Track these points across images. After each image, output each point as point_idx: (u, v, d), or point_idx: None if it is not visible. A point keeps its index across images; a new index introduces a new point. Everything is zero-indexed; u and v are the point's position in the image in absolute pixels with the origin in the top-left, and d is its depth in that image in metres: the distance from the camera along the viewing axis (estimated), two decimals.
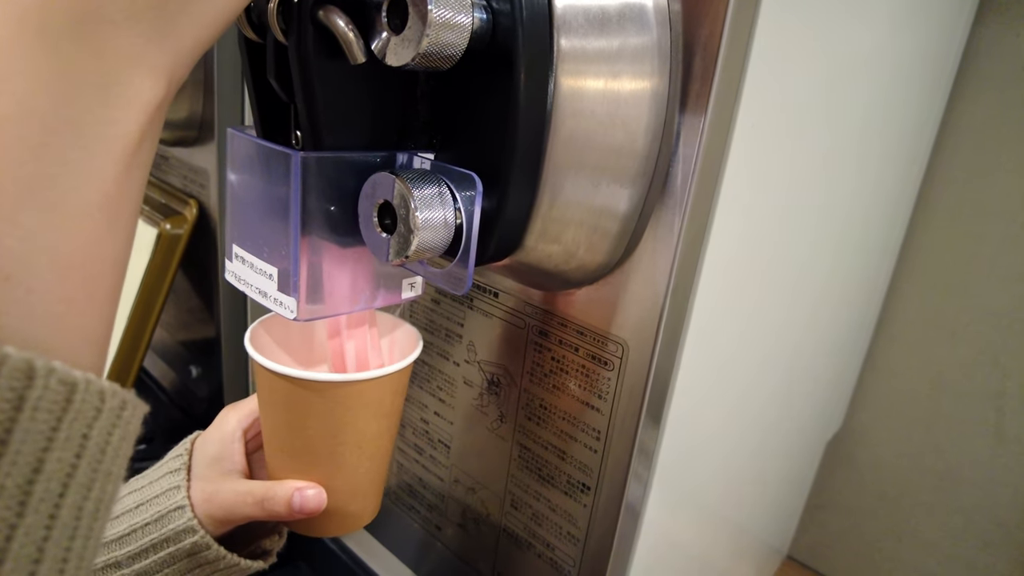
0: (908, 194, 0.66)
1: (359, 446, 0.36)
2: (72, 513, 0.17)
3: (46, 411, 0.16)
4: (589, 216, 0.32)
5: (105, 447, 0.18)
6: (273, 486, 0.36)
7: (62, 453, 0.17)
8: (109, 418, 0.18)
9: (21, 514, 0.16)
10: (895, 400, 0.75)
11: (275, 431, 0.37)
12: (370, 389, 0.34)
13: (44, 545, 0.17)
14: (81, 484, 0.18)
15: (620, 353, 0.35)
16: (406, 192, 0.27)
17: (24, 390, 0.16)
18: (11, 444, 0.16)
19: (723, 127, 0.32)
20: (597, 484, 0.38)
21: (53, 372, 0.16)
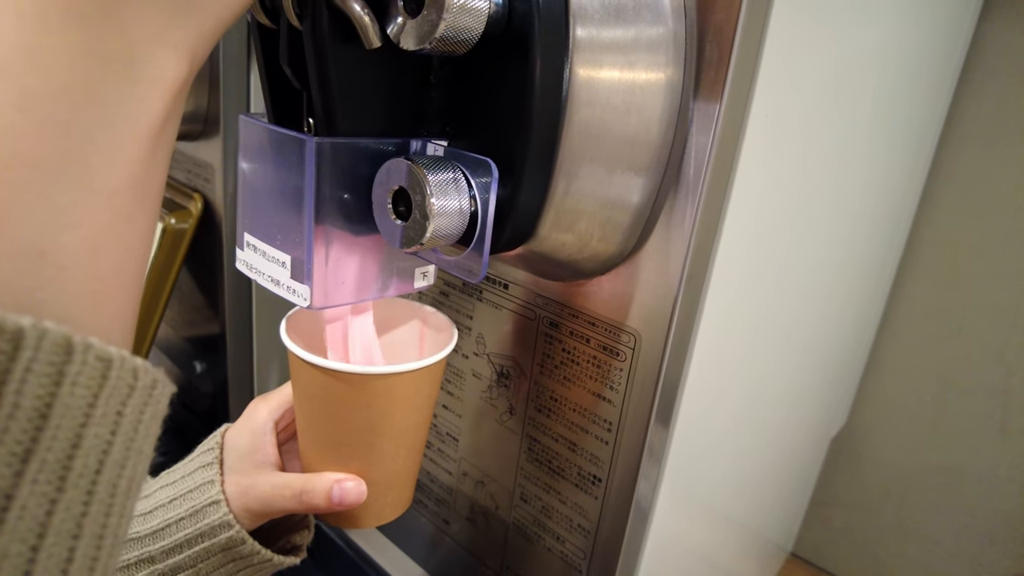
0: (913, 190, 0.66)
1: (397, 438, 0.36)
2: (108, 490, 0.17)
3: (84, 387, 0.16)
4: (603, 205, 0.31)
5: (137, 425, 0.18)
6: (311, 479, 0.36)
7: (99, 429, 0.17)
8: (142, 396, 0.18)
9: (61, 489, 0.16)
10: (899, 397, 0.75)
11: (312, 423, 0.36)
12: (410, 381, 0.34)
13: (83, 521, 0.17)
14: (115, 461, 0.18)
15: (632, 344, 0.35)
16: (422, 178, 0.27)
17: (63, 365, 0.16)
18: (51, 419, 0.16)
19: (737, 117, 0.31)
20: (608, 475, 0.38)
21: (90, 348, 0.16)
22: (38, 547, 0.16)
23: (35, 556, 0.16)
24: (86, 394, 0.16)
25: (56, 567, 0.16)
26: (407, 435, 0.36)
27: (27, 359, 0.15)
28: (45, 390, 0.15)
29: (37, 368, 0.15)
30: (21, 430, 0.15)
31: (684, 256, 0.32)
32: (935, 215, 0.68)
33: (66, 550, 0.16)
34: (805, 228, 0.43)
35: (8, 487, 0.15)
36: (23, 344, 0.15)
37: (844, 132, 0.43)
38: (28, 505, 0.15)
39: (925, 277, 0.70)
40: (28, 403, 0.15)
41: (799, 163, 0.39)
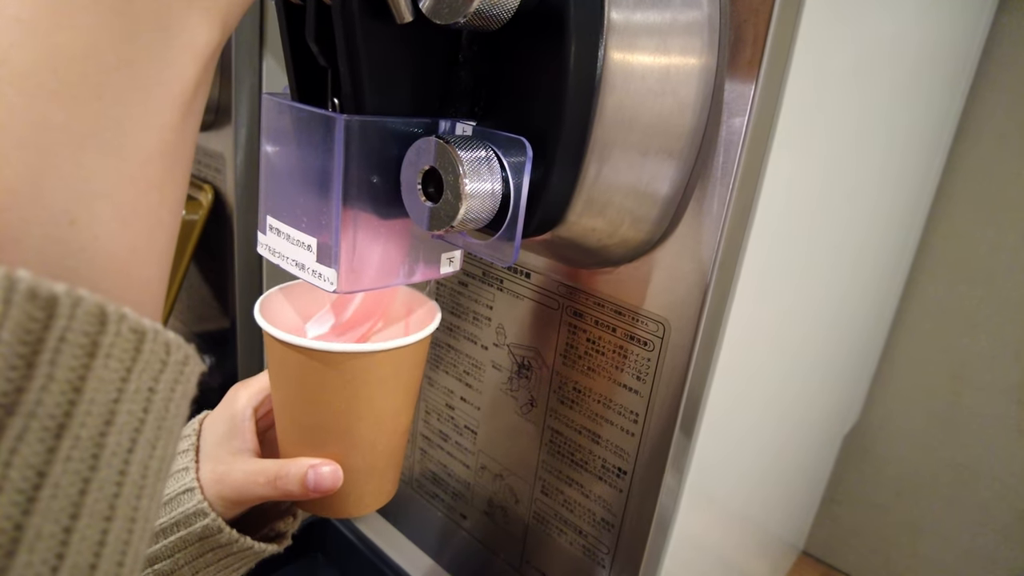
0: (929, 184, 0.65)
1: (377, 422, 0.34)
2: (139, 471, 0.17)
3: (117, 360, 0.15)
4: (635, 188, 0.31)
5: (168, 403, 0.17)
6: (286, 464, 0.35)
7: (131, 406, 0.16)
8: (173, 372, 0.17)
9: (95, 467, 0.15)
10: (913, 393, 0.74)
11: (287, 406, 0.35)
12: (389, 360, 0.33)
13: (115, 503, 0.16)
14: (147, 440, 0.17)
15: (661, 332, 0.34)
16: (454, 157, 0.26)
17: (97, 336, 0.15)
18: (85, 393, 0.15)
19: (772, 99, 0.31)
20: (633, 468, 0.37)
21: (124, 319, 0.16)
22: (71, 528, 0.15)
23: (68, 538, 0.15)
24: (119, 368, 0.16)
25: (89, 550, 0.15)
26: (387, 419, 0.35)
27: (61, 328, 0.14)
28: (79, 362, 0.15)
29: (71, 338, 0.14)
30: (55, 404, 0.14)
31: (717, 242, 0.31)
32: (951, 210, 0.68)
33: (99, 532, 0.15)
34: (827, 220, 0.43)
35: (41, 463, 0.14)
36: (57, 312, 0.14)
37: (865, 122, 0.43)
38: (61, 484, 0.14)
39: (940, 273, 0.70)
40: (62, 375, 0.14)
41: (825, 151, 0.38)
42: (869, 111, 0.42)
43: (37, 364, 0.14)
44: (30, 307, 0.14)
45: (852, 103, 0.39)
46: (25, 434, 0.14)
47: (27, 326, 0.14)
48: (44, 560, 0.14)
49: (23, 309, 0.14)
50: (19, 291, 0.14)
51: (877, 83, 0.42)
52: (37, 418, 0.14)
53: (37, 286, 0.14)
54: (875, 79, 0.41)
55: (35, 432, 0.14)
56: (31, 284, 0.14)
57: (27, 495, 0.14)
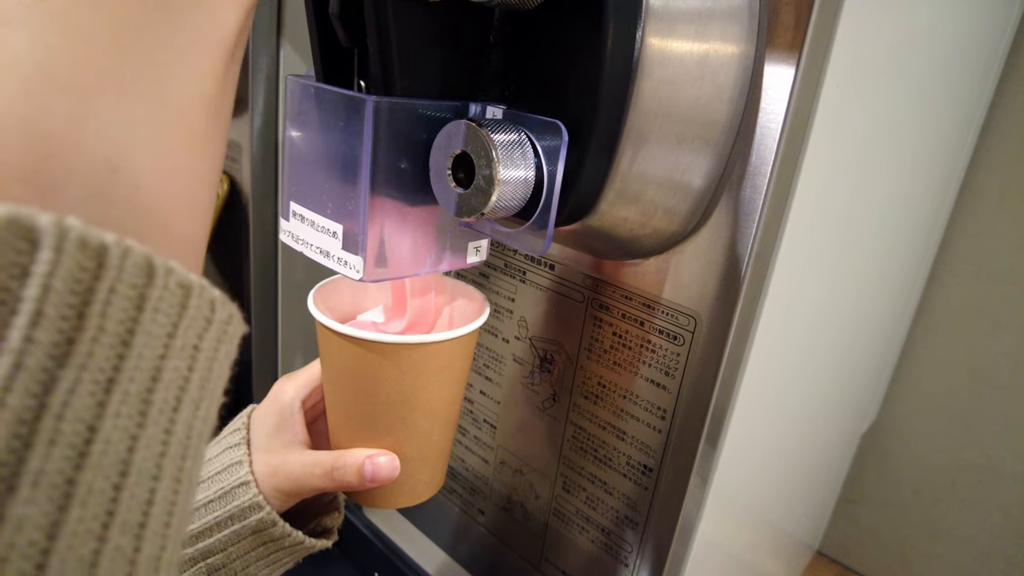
0: (955, 180, 0.64)
1: (431, 412, 0.34)
2: (184, 431, 0.16)
3: (164, 314, 0.15)
4: (670, 176, 0.30)
5: (212, 363, 0.17)
6: (342, 455, 0.35)
7: (177, 362, 0.15)
8: (217, 330, 0.17)
9: (142, 425, 0.15)
10: (933, 393, 0.73)
11: (343, 398, 0.35)
12: (444, 351, 0.33)
13: (162, 462, 0.15)
14: (192, 400, 0.16)
15: (691, 326, 0.33)
16: (487, 141, 0.25)
17: (145, 288, 0.14)
18: (134, 347, 0.14)
19: (812, 85, 0.30)
20: (660, 465, 0.36)
21: (172, 272, 0.15)
22: (120, 486, 0.14)
23: (118, 496, 0.14)
24: (166, 323, 0.15)
25: (138, 508, 0.15)
26: (441, 409, 0.35)
27: (111, 279, 0.14)
28: (127, 315, 0.14)
29: (121, 290, 0.14)
30: (105, 357, 0.14)
31: (752, 233, 0.30)
32: (975, 206, 0.66)
33: (147, 491, 0.15)
34: (858, 214, 0.42)
35: (92, 418, 0.14)
36: (107, 263, 0.14)
37: (897, 114, 0.41)
38: (112, 439, 0.14)
39: (963, 270, 0.68)
40: (112, 327, 0.14)
41: (859, 143, 0.37)
42: (901, 103, 0.41)
43: (88, 315, 0.13)
44: (81, 256, 0.13)
45: (886, 94, 0.38)
46: (77, 387, 0.13)
47: (78, 275, 0.13)
48: (95, 516, 0.14)
49: (74, 258, 0.13)
50: (70, 239, 0.13)
51: (910, 74, 0.41)
52: (88, 371, 0.13)
53: (87, 235, 0.13)
54: (908, 70, 0.40)
55: (86, 385, 0.13)
56: (82, 233, 0.13)
57: (79, 450, 0.13)
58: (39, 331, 0.13)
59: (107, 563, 0.14)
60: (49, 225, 0.13)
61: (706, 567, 0.40)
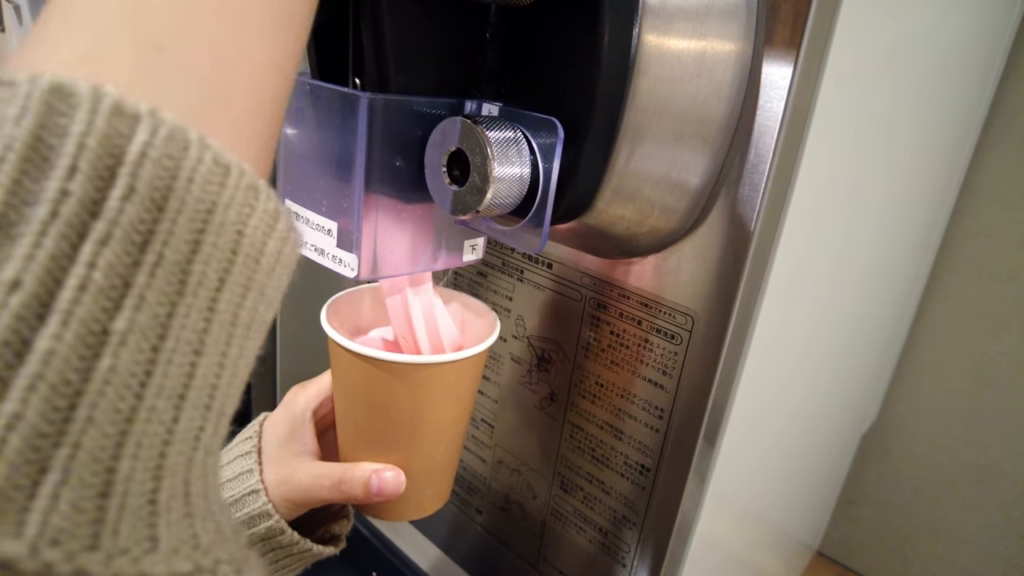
0: (955, 179, 0.64)
1: (439, 429, 0.35)
2: (229, 317, 0.16)
3: (200, 187, 0.15)
4: (667, 174, 0.29)
5: (260, 256, 0.16)
6: (350, 468, 0.35)
7: (217, 239, 0.15)
8: (264, 221, 0.16)
9: (181, 293, 0.15)
10: (934, 393, 0.73)
11: (352, 413, 0.35)
12: (454, 371, 0.33)
13: (204, 338, 0.15)
14: (237, 285, 0.16)
15: (689, 325, 0.33)
16: (482, 138, 0.25)
17: (180, 159, 0.14)
18: (167, 212, 0.14)
19: (810, 82, 0.30)
20: (658, 464, 0.36)
21: (208, 148, 0.15)
22: (159, 348, 0.14)
23: (156, 357, 0.14)
24: (203, 197, 0.15)
25: (177, 378, 0.15)
26: (449, 427, 0.35)
27: (143, 143, 0.14)
28: (162, 182, 0.14)
29: (153, 154, 0.14)
30: (139, 218, 0.14)
31: (750, 232, 0.30)
32: (975, 205, 0.66)
33: (188, 365, 0.15)
34: (856, 213, 0.41)
35: (127, 274, 0.14)
36: (139, 127, 0.14)
37: (896, 113, 0.41)
38: (147, 297, 0.14)
39: (964, 269, 0.68)
40: (143, 189, 0.14)
41: (857, 142, 0.37)
42: (901, 101, 0.41)
43: (119, 175, 0.14)
44: (115, 120, 0.14)
45: (886, 92, 0.38)
46: (108, 240, 0.14)
47: (112, 138, 0.14)
48: (132, 372, 0.14)
49: (108, 121, 0.14)
50: (104, 103, 0.14)
51: (910, 72, 0.40)
52: (119, 226, 0.14)
53: (122, 102, 0.14)
54: (908, 68, 0.40)
55: (120, 243, 0.14)
56: (116, 98, 0.14)
57: (114, 302, 0.14)
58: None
59: (142, 422, 0.14)
60: (87, 90, 0.14)
61: (704, 567, 0.40)
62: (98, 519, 0.13)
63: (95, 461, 0.13)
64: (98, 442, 0.13)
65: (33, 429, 0.12)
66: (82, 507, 0.13)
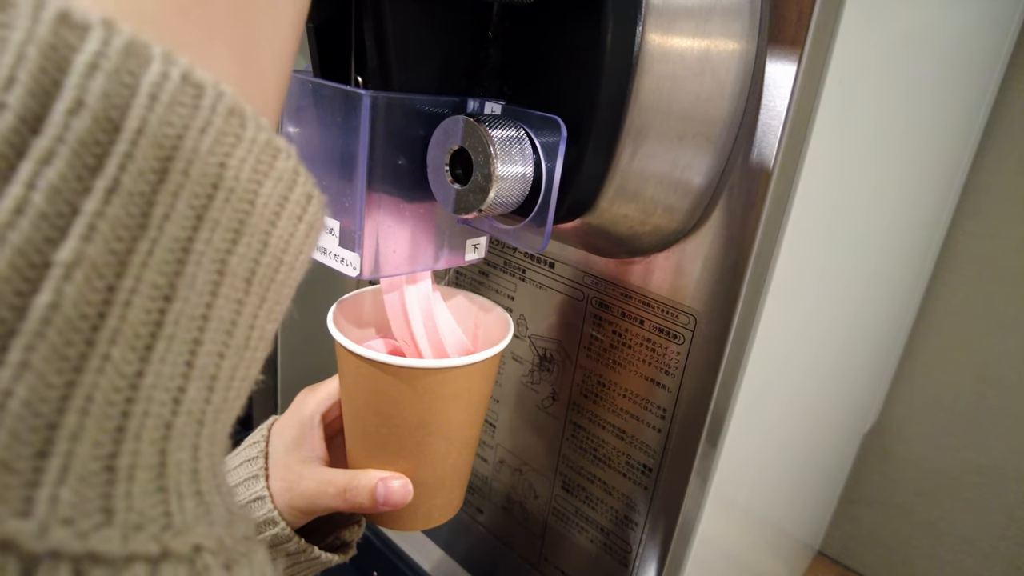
0: (958, 179, 0.64)
1: (447, 436, 0.34)
2: (210, 260, 0.14)
3: (166, 107, 0.13)
4: (671, 173, 0.29)
5: (252, 197, 0.15)
6: (356, 475, 0.34)
7: (189, 168, 0.14)
8: (254, 156, 0.15)
9: (143, 226, 0.13)
10: (936, 393, 0.72)
11: (359, 418, 0.34)
12: (463, 376, 0.32)
13: (176, 281, 0.14)
14: (223, 227, 0.14)
15: (691, 325, 0.33)
16: (485, 137, 0.25)
17: (139, 74, 0.13)
18: (124, 132, 0.13)
19: (814, 80, 0.29)
20: (660, 465, 0.36)
21: (174, 64, 0.13)
22: (115, 287, 0.13)
23: (111, 297, 0.13)
24: (168, 118, 0.14)
25: (142, 325, 0.14)
26: (458, 433, 0.34)
27: (93, 52, 0.13)
28: (119, 99, 0.13)
29: (106, 66, 0.13)
30: (90, 137, 0.13)
31: (754, 231, 0.30)
32: (978, 205, 0.66)
33: (156, 311, 0.14)
34: (857, 212, 0.41)
35: (74, 199, 0.13)
36: (88, 36, 0.13)
37: (898, 111, 0.41)
38: (98, 226, 0.13)
39: (966, 269, 0.68)
40: (95, 104, 0.13)
41: (860, 140, 0.37)
42: (904, 100, 0.41)
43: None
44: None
45: (889, 91, 0.38)
46: (51, 158, 0.12)
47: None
48: (80, 304, 0.13)
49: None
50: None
51: (913, 71, 0.40)
52: (66, 143, 0.12)
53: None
54: (911, 67, 0.40)
55: (64, 159, 0.12)
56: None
57: (59, 230, 0.12)
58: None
59: (92, 371, 0.13)
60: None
61: (706, 567, 0.40)
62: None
63: (34, 415, 0.12)
64: (38, 392, 0.12)
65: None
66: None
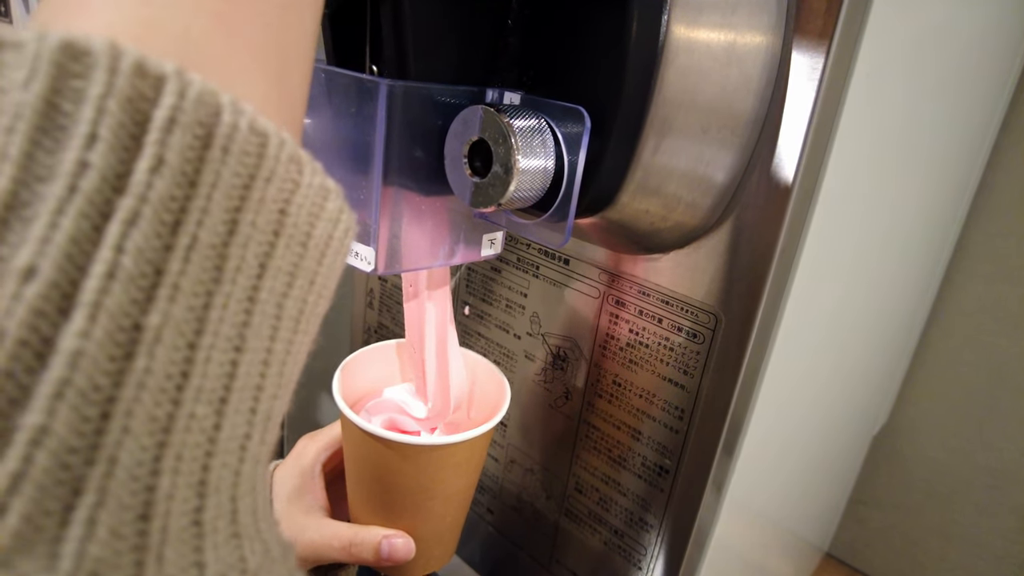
0: (972, 178, 0.63)
1: (447, 499, 0.35)
2: (271, 306, 0.14)
3: (237, 159, 0.13)
4: (694, 167, 0.29)
5: (306, 240, 0.15)
6: (360, 531, 0.35)
7: (257, 218, 0.13)
8: (310, 200, 0.15)
9: (218, 280, 0.13)
10: (947, 394, 0.72)
11: (361, 481, 0.36)
12: (463, 449, 0.33)
13: (245, 332, 0.14)
14: (281, 271, 0.14)
15: (712, 324, 0.32)
16: (506, 128, 0.24)
17: (212, 126, 0.13)
18: (200, 187, 0.13)
19: (841, 74, 0.29)
20: (677, 466, 0.35)
21: (242, 113, 0.13)
22: (196, 345, 0.13)
23: (193, 355, 0.13)
24: (240, 170, 0.13)
25: (217, 379, 0.13)
26: (457, 496, 0.36)
27: (171, 106, 0.12)
28: (195, 152, 0.13)
29: (183, 120, 0.12)
30: (170, 194, 0.13)
31: (779, 229, 0.29)
32: (992, 205, 0.65)
33: (228, 363, 0.14)
34: (878, 211, 0.40)
35: (159, 259, 0.12)
36: (165, 89, 0.13)
37: (918, 108, 0.40)
38: (182, 286, 0.13)
39: (980, 270, 0.67)
40: (175, 160, 0.13)
41: (883, 135, 0.36)
42: (922, 96, 0.40)
43: (144, 144, 0.12)
44: (138, 82, 0.12)
45: (909, 86, 0.37)
46: (137, 219, 0.12)
47: (135, 102, 0.12)
48: (168, 374, 0.12)
49: (130, 82, 0.12)
50: (125, 62, 0.12)
51: (932, 67, 0.39)
52: (149, 203, 0.12)
53: (147, 63, 0.12)
54: (931, 62, 0.39)
55: (149, 220, 0.12)
56: (137, 58, 0.12)
57: (146, 292, 0.12)
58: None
59: (181, 431, 0.12)
60: (104, 48, 0.12)
61: (719, 570, 0.39)
62: (140, 545, 0.12)
63: (133, 479, 0.12)
64: (135, 456, 0.12)
65: (62, 444, 0.11)
66: (121, 533, 0.11)
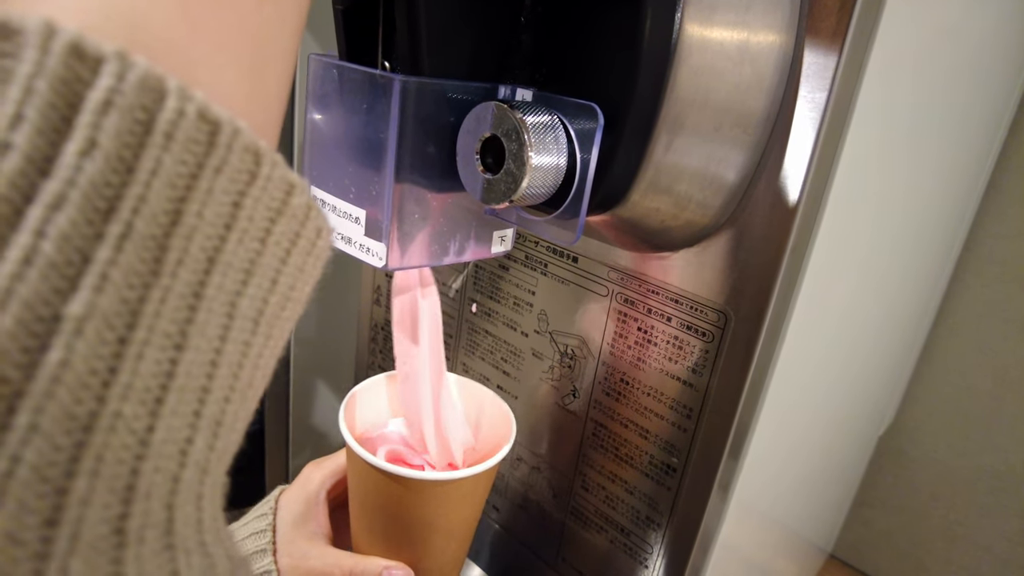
0: (981, 178, 0.62)
1: (449, 532, 0.36)
2: (221, 304, 0.14)
3: (182, 145, 0.13)
4: (706, 165, 0.29)
5: (265, 236, 0.15)
6: (361, 561, 0.35)
7: (203, 210, 0.13)
8: (268, 194, 0.14)
9: (156, 273, 0.13)
10: (953, 396, 0.71)
11: (365, 513, 0.36)
12: (467, 484, 0.34)
13: (187, 328, 0.13)
14: (234, 268, 0.14)
15: (722, 323, 0.32)
16: (519, 124, 0.24)
17: (155, 111, 0.12)
18: (138, 174, 0.12)
19: (854, 72, 0.28)
20: (685, 465, 0.35)
21: (190, 99, 0.13)
22: (126, 339, 0.13)
23: (122, 351, 0.12)
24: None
25: (152, 377, 0.13)
26: (459, 530, 0.36)
27: (107, 88, 0.12)
28: (134, 138, 0.12)
29: (121, 103, 0.12)
30: (103, 180, 0.12)
31: (789, 228, 0.29)
32: (1001, 205, 0.65)
33: (167, 362, 0.13)
34: (887, 210, 0.40)
35: (86, 247, 0.12)
36: (102, 70, 0.12)
37: (929, 107, 0.40)
38: (111, 276, 0.12)
39: (988, 270, 0.67)
40: (109, 145, 0.12)
41: (893, 135, 0.36)
42: (931, 96, 0.40)
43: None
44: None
45: (918, 85, 0.37)
46: (62, 203, 0.12)
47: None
48: (91, 370, 0.12)
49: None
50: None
51: (941, 66, 0.39)
52: (77, 187, 0.12)
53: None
54: (940, 61, 0.39)
55: (75, 205, 0.12)
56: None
57: (69, 280, 0.12)
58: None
59: (103, 431, 0.12)
60: (37, 27, 0.11)
61: (724, 571, 0.39)
62: (41, 553, 0.11)
63: (41, 480, 0.11)
64: (45, 456, 0.11)
65: None
66: (20, 539, 0.11)
